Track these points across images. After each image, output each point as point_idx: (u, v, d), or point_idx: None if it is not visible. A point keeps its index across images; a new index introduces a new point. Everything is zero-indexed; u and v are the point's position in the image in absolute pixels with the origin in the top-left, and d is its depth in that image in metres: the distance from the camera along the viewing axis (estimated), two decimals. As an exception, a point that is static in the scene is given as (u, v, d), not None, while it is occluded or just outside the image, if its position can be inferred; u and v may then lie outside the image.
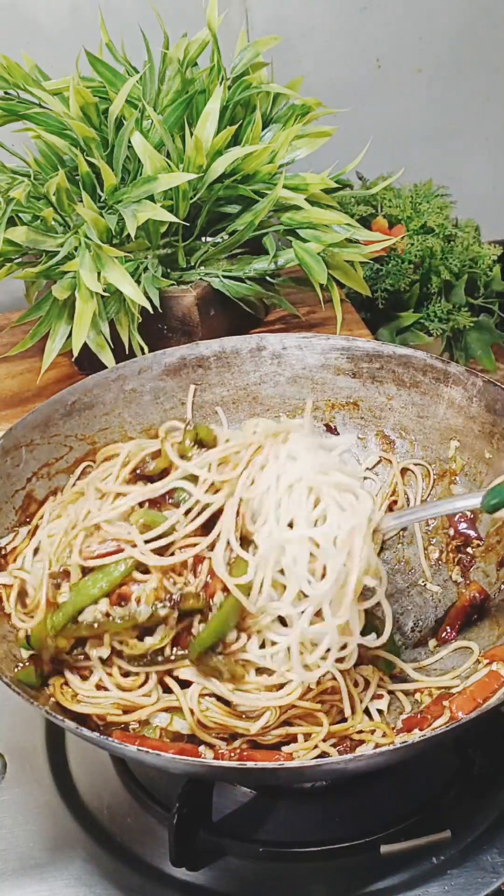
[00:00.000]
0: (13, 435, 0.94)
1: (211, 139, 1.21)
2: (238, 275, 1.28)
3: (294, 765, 0.74)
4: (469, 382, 0.99)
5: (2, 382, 1.34)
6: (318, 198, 1.28)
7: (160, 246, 1.26)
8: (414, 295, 1.50)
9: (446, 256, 1.50)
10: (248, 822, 0.83)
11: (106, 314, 1.18)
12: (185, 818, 0.76)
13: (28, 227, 1.19)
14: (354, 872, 0.78)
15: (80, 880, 0.79)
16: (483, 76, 1.79)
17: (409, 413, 1.04)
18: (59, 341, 1.21)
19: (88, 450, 1.01)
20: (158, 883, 0.78)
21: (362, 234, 1.27)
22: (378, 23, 1.67)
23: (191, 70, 1.25)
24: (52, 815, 0.84)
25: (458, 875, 0.77)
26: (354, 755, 0.77)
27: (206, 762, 0.75)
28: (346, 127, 1.38)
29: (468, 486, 0.99)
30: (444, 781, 0.84)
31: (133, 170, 1.24)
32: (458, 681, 0.84)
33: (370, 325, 1.46)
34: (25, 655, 0.82)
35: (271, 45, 1.30)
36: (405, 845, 0.79)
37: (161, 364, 1.06)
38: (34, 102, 1.24)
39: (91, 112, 1.23)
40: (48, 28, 1.46)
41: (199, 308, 1.25)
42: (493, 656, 0.83)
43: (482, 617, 0.91)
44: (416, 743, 0.69)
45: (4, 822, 0.83)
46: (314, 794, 0.85)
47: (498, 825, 0.81)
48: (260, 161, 1.26)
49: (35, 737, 0.90)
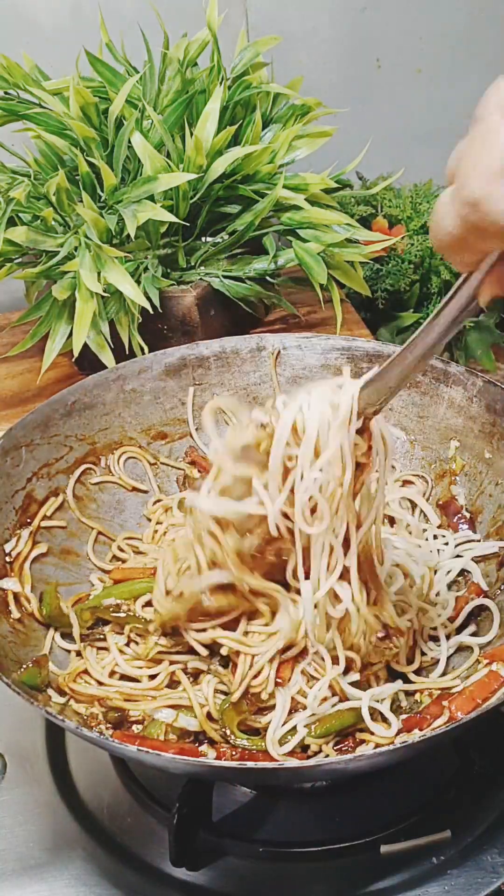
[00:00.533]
0: (13, 435, 0.94)
1: (211, 139, 1.21)
2: (238, 275, 1.28)
3: (294, 765, 0.74)
4: (469, 382, 0.99)
5: (2, 382, 1.34)
6: (318, 198, 1.28)
7: (160, 246, 1.26)
8: (414, 295, 1.50)
9: (446, 256, 1.50)
10: (248, 822, 0.83)
11: (106, 314, 1.18)
12: (185, 818, 0.76)
13: (28, 227, 1.19)
14: (354, 872, 0.78)
15: (80, 880, 0.79)
16: (483, 76, 1.77)
17: (409, 413, 1.04)
18: (59, 341, 1.21)
19: (88, 450, 1.01)
20: (158, 883, 0.78)
21: (362, 234, 1.27)
22: (378, 23, 1.67)
23: (191, 70, 1.25)
24: (52, 815, 0.84)
25: (458, 875, 0.77)
26: (354, 755, 0.77)
27: (206, 762, 0.75)
28: (346, 127, 1.38)
29: (468, 486, 0.99)
30: (444, 781, 0.84)
31: (133, 170, 1.24)
32: (458, 681, 0.84)
33: (370, 325, 1.45)
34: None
35: (271, 45, 1.30)
36: (405, 845, 0.79)
37: (161, 364, 1.06)
38: (34, 102, 1.24)
39: (91, 112, 1.23)
40: (48, 28, 1.46)
41: (199, 308, 1.25)
42: (492, 656, 0.83)
43: (482, 617, 0.91)
44: (416, 743, 0.69)
45: (4, 822, 0.83)
46: (314, 794, 0.85)
47: (498, 825, 0.81)
48: (260, 161, 1.26)
49: (35, 737, 0.90)
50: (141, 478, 1.04)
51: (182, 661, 0.84)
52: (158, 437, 1.06)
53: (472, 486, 0.99)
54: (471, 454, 0.99)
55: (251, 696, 0.80)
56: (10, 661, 0.80)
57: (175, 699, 0.82)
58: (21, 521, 0.93)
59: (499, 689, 0.78)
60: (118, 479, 1.03)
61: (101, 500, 1.01)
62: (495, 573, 0.92)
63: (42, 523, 0.94)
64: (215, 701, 0.81)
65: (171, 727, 0.81)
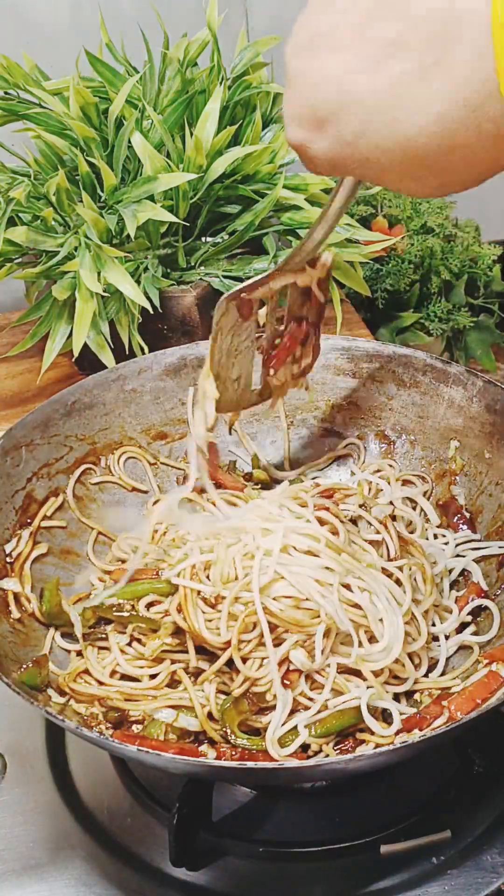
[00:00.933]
0: (13, 435, 0.94)
1: (211, 139, 1.21)
2: (238, 275, 1.28)
3: (294, 765, 0.74)
4: (469, 382, 0.99)
5: (2, 382, 1.34)
6: (318, 198, 1.28)
7: (160, 246, 1.26)
8: (414, 295, 1.50)
9: (446, 256, 1.50)
10: (248, 822, 0.83)
11: (106, 314, 1.18)
12: (185, 818, 0.76)
13: (28, 227, 1.19)
14: (354, 872, 0.78)
15: (80, 880, 0.79)
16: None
17: (409, 413, 1.04)
18: (59, 341, 1.21)
19: (88, 450, 1.01)
20: (158, 883, 0.78)
21: (362, 234, 1.27)
22: (378, 23, 1.67)
23: (191, 70, 1.25)
24: (52, 815, 0.84)
25: (458, 875, 0.77)
26: (354, 755, 0.77)
27: (207, 762, 0.75)
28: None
29: (468, 486, 0.99)
30: (444, 781, 0.84)
31: (133, 170, 1.24)
32: (458, 681, 0.84)
33: (370, 325, 1.45)
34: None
35: (271, 45, 1.30)
36: (405, 845, 0.79)
37: (161, 364, 1.06)
38: (34, 102, 1.24)
39: (91, 112, 1.23)
40: (48, 28, 1.46)
41: (199, 308, 1.25)
42: (492, 656, 0.83)
43: (482, 618, 0.91)
44: (416, 743, 0.69)
45: (4, 822, 0.83)
46: (314, 794, 0.85)
47: (498, 825, 0.81)
48: (260, 161, 1.26)
49: (35, 737, 0.90)
50: (141, 478, 1.04)
51: (184, 661, 0.84)
52: (158, 437, 1.06)
53: (472, 486, 0.99)
54: (471, 454, 0.99)
55: (253, 696, 0.80)
56: (10, 661, 0.80)
57: (175, 699, 0.82)
58: (21, 521, 0.93)
59: (498, 690, 0.78)
60: (118, 479, 1.03)
61: (101, 499, 1.01)
62: (495, 573, 0.92)
63: (42, 523, 0.95)
64: (217, 701, 0.81)
65: (171, 727, 0.81)
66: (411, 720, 0.80)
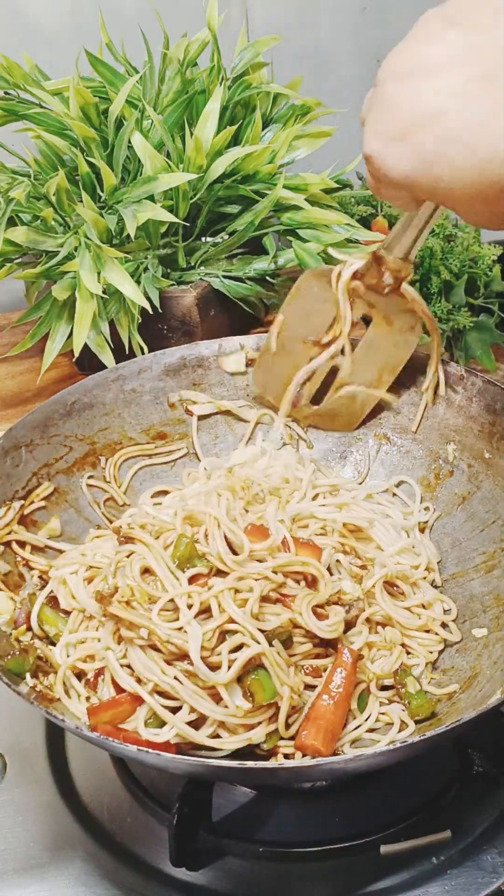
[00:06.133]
0: (13, 435, 0.94)
1: (211, 139, 1.21)
2: (238, 275, 1.28)
3: (294, 764, 0.74)
4: (469, 382, 0.99)
5: (2, 382, 1.34)
6: (318, 198, 1.28)
7: (160, 246, 1.26)
8: (414, 295, 1.50)
9: (446, 256, 1.50)
10: (248, 822, 0.83)
11: (106, 314, 1.18)
12: (185, 818, 0.76)
13: (28, 227, 1.19)
14: (354, 872, 0.78)
15: (80, 880, 0.79)
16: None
17: (409, 413, 1.04)
18: (59, 341, 1.21)
19: (88, 450, 1.01)
20: (158, 883, 0.78)
21: (362, 234, 1.27)
22: (378, 23, 1.67)
23: (191, 70, 1.25)
24: (52, 815, 0.84)
25: (458, 875, 0.77)
26: (354, 755, 0.76)
27: (207, 762, 0.75)
28: (346, 127, 1.38)
29: (468, 486, 0.99)
30: (444, 781, 0.84)
31: (133, 170, 1.24)
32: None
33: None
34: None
35: (271, 45, 1.30)
36: (405, 845, 0.79)
37: (161, 364, 1.06)
38: (34, 102, 1.24)
39: (91, 112, 1.23)
40: (48, 28, 1.46)
41: (199, 308, 1.25)
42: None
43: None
44: (416, 743, 0.69)
45: (4, 822, 0.83)
46: (314, 794, 0.85)
47: (498, 825, 0.81)
48: (260, 161, 1.26)
49: (35, 737, 0.90)
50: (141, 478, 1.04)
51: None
52: (158, 437, 1.06)
53: (471, 487, 0.99)
54: (471, 454, 0.99)
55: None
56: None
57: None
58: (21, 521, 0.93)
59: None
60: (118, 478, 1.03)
61: (101, 499, 1.01)
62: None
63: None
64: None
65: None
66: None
